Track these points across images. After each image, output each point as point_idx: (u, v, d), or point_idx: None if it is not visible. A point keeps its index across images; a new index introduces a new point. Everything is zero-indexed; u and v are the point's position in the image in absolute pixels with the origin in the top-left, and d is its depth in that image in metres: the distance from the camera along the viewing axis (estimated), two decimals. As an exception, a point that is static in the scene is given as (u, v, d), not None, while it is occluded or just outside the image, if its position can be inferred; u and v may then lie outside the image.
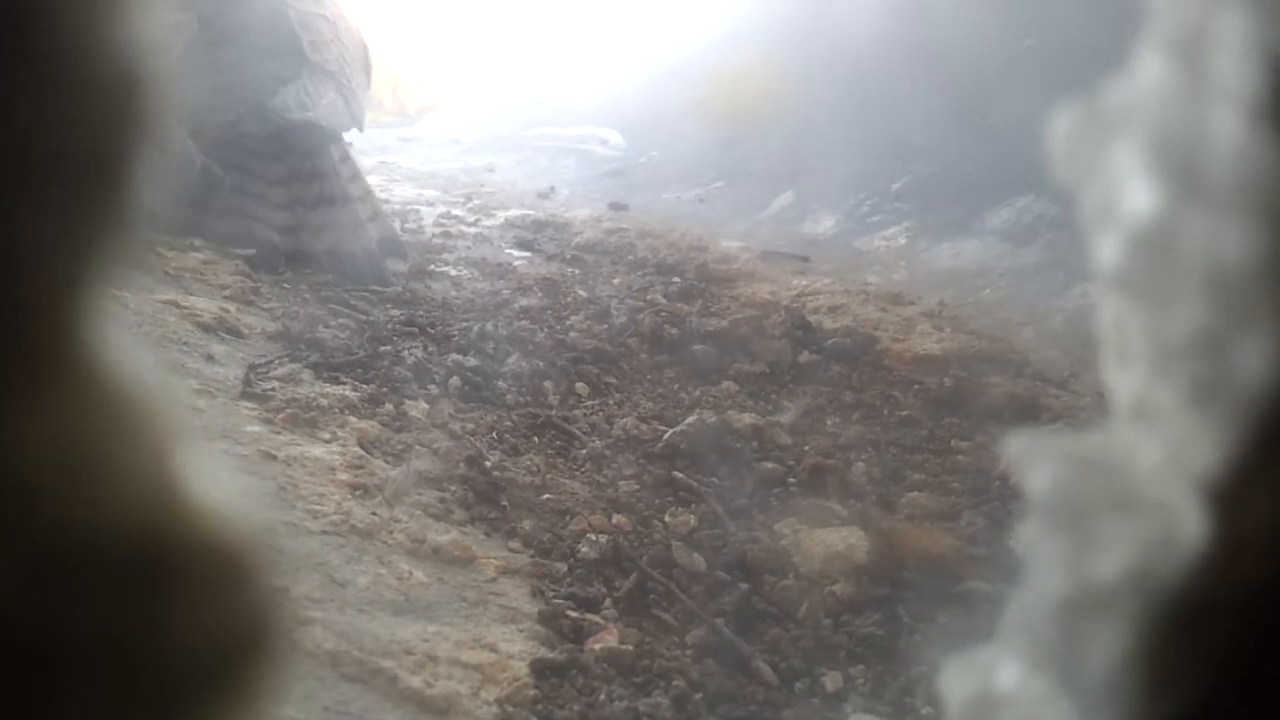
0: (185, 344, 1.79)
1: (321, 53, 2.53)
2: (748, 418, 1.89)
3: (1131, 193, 0.22)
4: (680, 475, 1.68)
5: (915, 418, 1.95)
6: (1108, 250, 0.24)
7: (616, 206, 3.58)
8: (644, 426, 1.84)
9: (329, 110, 2.49)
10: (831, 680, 1.24)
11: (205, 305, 1.97)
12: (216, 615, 0.19)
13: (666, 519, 1.56)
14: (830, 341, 2.27)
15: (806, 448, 1.82)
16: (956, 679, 0.30)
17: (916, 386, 2.08)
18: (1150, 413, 0.25)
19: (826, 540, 1.50)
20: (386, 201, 3.10)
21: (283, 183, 2.40)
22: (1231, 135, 0.19)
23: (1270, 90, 0.18)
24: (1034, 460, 0.28)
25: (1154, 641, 0.22)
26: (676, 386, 2.08)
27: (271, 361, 1.83)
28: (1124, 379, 0.28)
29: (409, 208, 3.21)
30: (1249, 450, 0.21)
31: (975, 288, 2.68)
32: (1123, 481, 0.24)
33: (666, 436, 1.78)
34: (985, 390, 2.02)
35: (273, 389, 1.71)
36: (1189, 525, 0.22)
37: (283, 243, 2.34)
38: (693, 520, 1.56)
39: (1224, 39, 0.18)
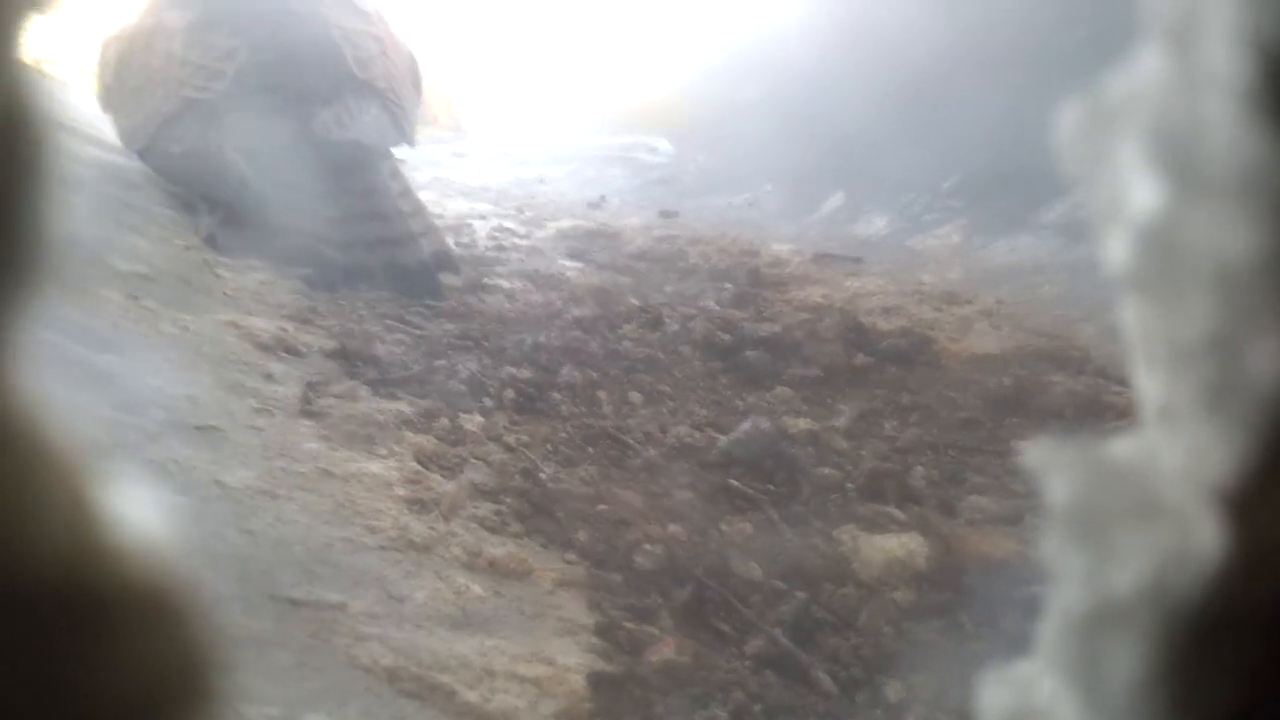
0: (245, 364, 1.82)
1: (368, 69, 2.56)
2: (803, 423, 1.88)
3: (1134, 189, 0.21)
4: (736, 483, 1.67)
5: (975, 419, 1.92)
6: (1116, 248, 0.23)
7: (666, 214, 3.58)
8: (698, 434, 1.83)
9: (373, 127, 2.53)
10: (893, 690, 1.22)
11: (264, 325, 2.00)
12: (140, 660, 0.18)
13: (722, 527, 1.55)
14: (885, 343, 2.24)
15: (864, 452, 1.79)
16: (984, 694, 0.29)
17: (975, 387, 2.04)
18: (1170, 417, 0.24)
19: (886, 546, 1.47)
20: (440, 216, 3.13)
21: (335, 200, 2.43)
22: (1228, 127, 0.18)
23: (1263, 79, 0.17)
24: (1053, 468, 0.27)
25: (1174, 658, 0.21)
26: (730, 393, 2.07)
27: (329, 379, 1.86)
28: (1146, 381, 0.27)
29: (463, 222, 3.24)
30: (1266, 457, 0.20)
31: (1032, 284, 2.63)
32: (1141, 490, 0.23)
33: (721, 444, 1.77)
34: (1046, 389, 1.98)
35: (330, 406, 1.73)
36: (1207, 536, 0.21)
37: (339, 260, 2.38)
38: (749, 528, 1.55)
39: (1214, 27, 0.18)
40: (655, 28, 4.89)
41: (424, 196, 2.89)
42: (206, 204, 2.46)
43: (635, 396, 1.99)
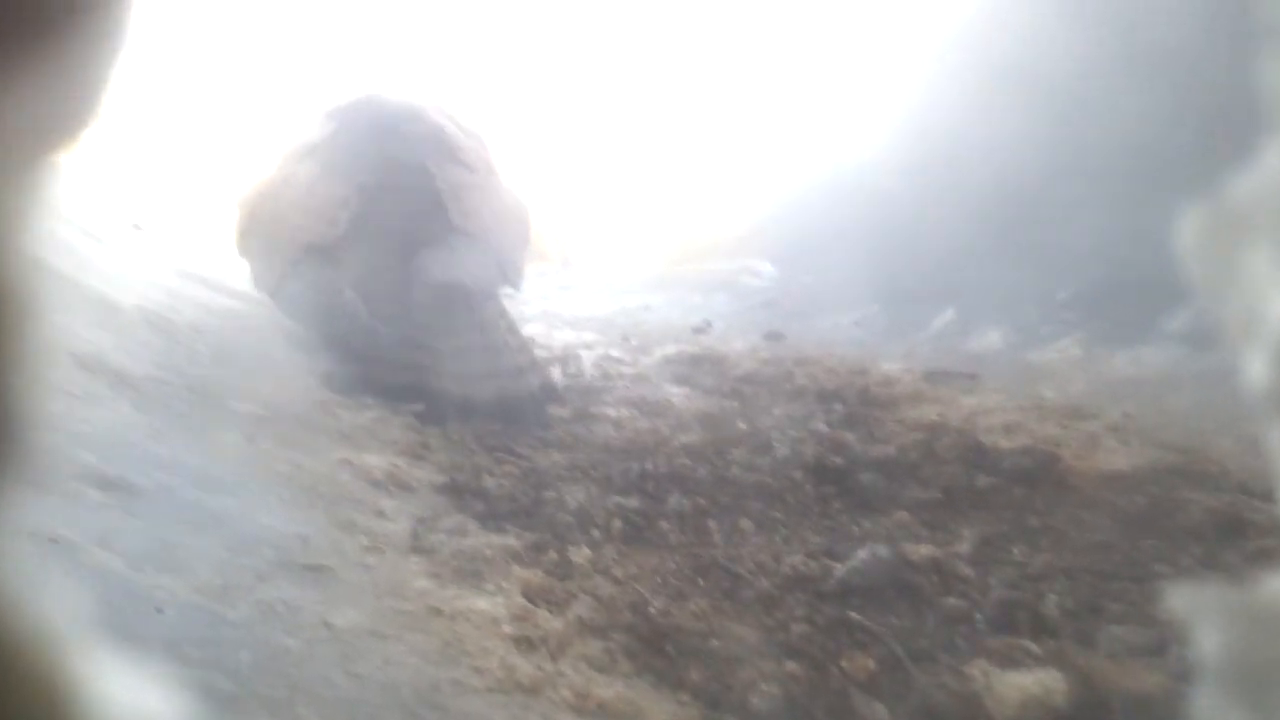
0: (357, 500, 1.84)
1: (469, 219, 2.71)
2: (924, 549, 1.79)
3: (1272, 300, 0.18)
4: (855, 615, 1.60)
5: (1108, 542, 1.81)
6: (1257, 366, 0.20)
7: (772, 336, 3.56)
8: (813, 563, 1.77)
9: (475, 270, 2.65)
10: (1036, 842, 1.12)
11: (376, 461, 2.03)
12: None
13: (843, 664, 1.48)
14: (1008, 463, 2.14)
15: (991, 580, 1.70)
16: None
17: (1107, 507, 1.93)
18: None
19: (1021, 683, 1.38)
20: (548, 348, 3.18)
21: (446, 337, 2.51)
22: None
23: None
24: (1202, 615, 0.24)
25: None
26: (845, 519, 1.99)
27: (439, 514, 1.86)
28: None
29: (570, 352, 3.28)
30: None
31: (1160, 396, 2.50)
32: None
33: (838, 574, 1.70)
34: (1183, 507, 1.85)
35: (440, 542, 1.73)
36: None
37: (451, 394, 2.44)
38: (871, 665, 1.47)
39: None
40: (751, 156, 4.98)
41: (532, 329, 2.95)
42: (325, 343, 2.56)
43: (746, 524, 1.94)
